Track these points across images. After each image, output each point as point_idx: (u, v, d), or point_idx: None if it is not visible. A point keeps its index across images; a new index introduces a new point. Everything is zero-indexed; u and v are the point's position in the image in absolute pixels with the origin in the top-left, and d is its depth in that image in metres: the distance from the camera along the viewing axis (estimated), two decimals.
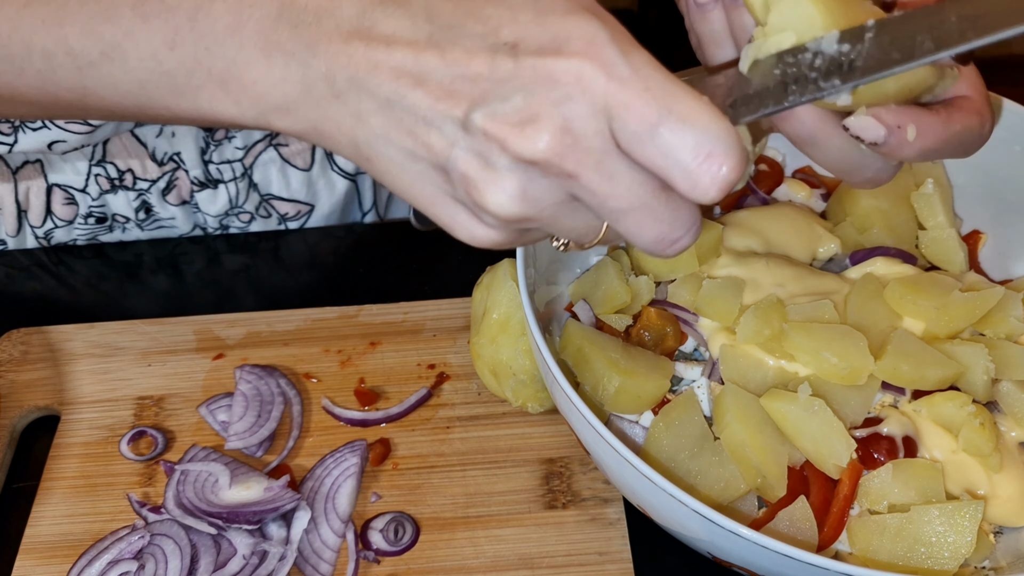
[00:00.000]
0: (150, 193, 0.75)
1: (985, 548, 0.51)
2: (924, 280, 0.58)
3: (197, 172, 0.75)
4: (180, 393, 0.68)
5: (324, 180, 0.79)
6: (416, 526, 0.60)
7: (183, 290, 0.76)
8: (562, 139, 0.35)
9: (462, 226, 0.40)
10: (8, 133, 0.69)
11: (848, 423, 0.53)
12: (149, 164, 0.74)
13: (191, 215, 0.78)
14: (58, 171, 0.74)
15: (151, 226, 0.77)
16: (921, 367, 0.53)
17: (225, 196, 0.77)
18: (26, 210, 0.75)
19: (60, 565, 0.59)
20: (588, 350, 0.56)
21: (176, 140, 0.73)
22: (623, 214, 0.37)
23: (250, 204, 0.78)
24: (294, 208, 0.79)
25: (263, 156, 0.76)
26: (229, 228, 0.79)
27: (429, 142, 0.37)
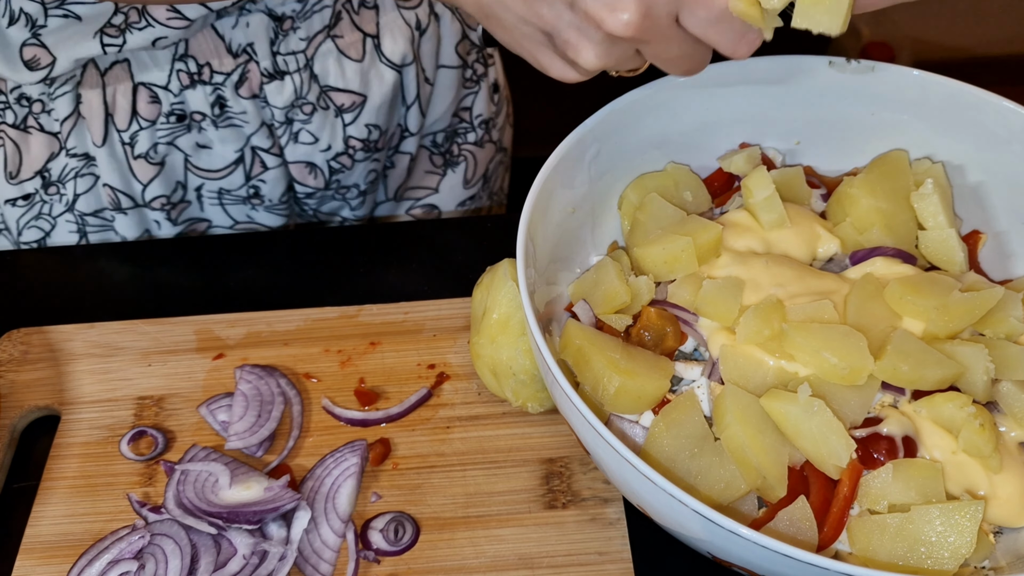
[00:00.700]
0: (224, 87, 0.80)
1: (985, 548, 0.51)
2: (924, 280, 0.58)
3: (267, 63, 0.80)
4: (180, 393, 0.68)
5: (375, 71, 0.85)
6: (416, 526, 0.60)
7: (183, 290, 0.77)
8: (642, 22, 0.48)
9: (557, 69, 0.53)
10: (116, 35, 0.74)
11: (848, 423, 0.53)
12: (225, 57, 0.79)
13: (260, 109, 0.83)
14: (144, 69, 0.78)
15: (224, 123, 0.82)
16: (921, 367, 0.53)
17: (291, 87, 0.82)
18: (112, 113, 0.80)
19: (60, 565, 0.59)
20: (588, 350, 0.56)
21: (250, 31, 0.78)
22: (671, 62, 0.52)
23: (312, 95, 0.83)
24: (349, 99, 0.85)
25: (322, 48, 0.82)
26: (293, 122, 0.84)
27: (540, 12, 0.50)
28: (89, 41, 0.73)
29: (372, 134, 0.88)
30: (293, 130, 0.84)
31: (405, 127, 0.91)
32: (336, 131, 0.86)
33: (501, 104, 1.00)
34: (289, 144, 0.85)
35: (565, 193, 0.62)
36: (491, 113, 0.98)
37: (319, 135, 0.85)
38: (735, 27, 0.49)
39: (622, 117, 0.62)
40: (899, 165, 0.65)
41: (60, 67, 0.75)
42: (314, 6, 0.80)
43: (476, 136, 0.98)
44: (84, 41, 0.74)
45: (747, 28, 0.49)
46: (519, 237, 0.56)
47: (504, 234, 0.76)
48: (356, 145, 0.87)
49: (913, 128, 0.65)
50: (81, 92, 0.78)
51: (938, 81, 0.63)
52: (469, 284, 0.66)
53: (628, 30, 0.48)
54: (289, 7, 0.79)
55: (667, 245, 0.60)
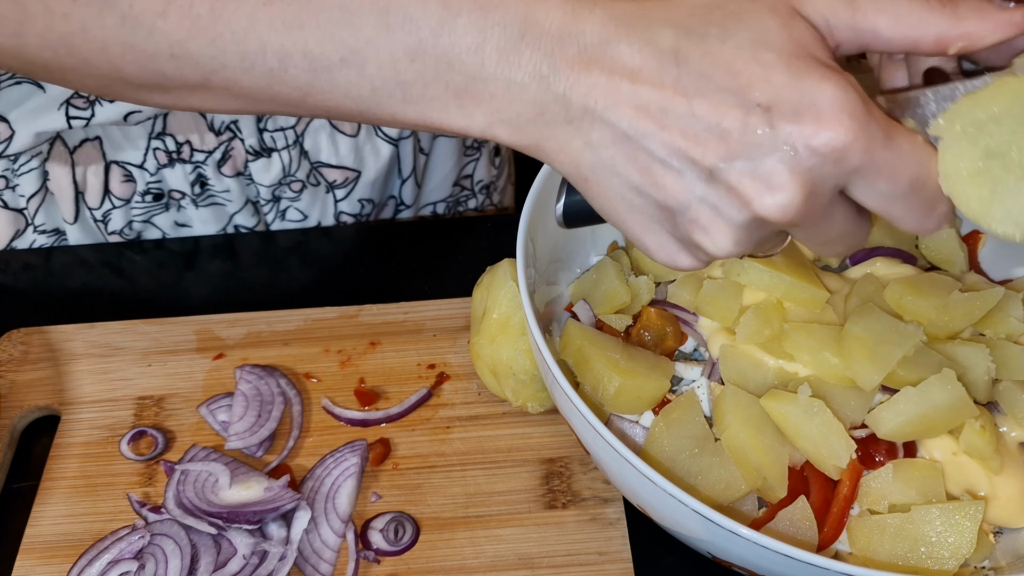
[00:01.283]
0: (206, 165, 0.76)
1: (985, 548, 0.51)
2: (924, 280, 0.58)
3: (252, 140, 0.76)
4: (180, 393, 0.68)
5: (370, 146, 0.81)
6: (416, 526, 0.60)
7: (183, 290, 0.77)
8: (806, 202, 0.37)
9: (668, 255, 0.42)
10: (84, 107, 0.69)
11: (848, 424, 0.53)
12: (207, 135, 0.75)
13: (244, 187, 0.79)
14: (117, 148, 0.75)
15: (205, 201, 0.79)
16: (919, 369, 0.53)
17: (279, 165, 0.78)
18: (83, 191, 0.76)
19: (60, 565, 0.59)
20: (588, 350, 0.56)
21: None
22: (826, 244, 0.41)
23: (301, 172, 0.79)
24: (342, 175, 0.81)
25: (313, 123, 0.78)
26: (280, 199, 0.81)
27: (663, 183, 0.38)
28: (52, 113, 0.69)
29: (365, 208, 0.84)
30: (280, 207, 0.81)
31: (400, 200, 0.87)
32: (327, 207, 0.82)
33: (502, 167, 0.96)
34: (276, 221, 0.82)
35: None
36: (492, 177, 0.94)
37: (308, 212, 0.82)
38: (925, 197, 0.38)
39: None
40: None
41: (20, 142, 0.70)
42: None
43: (477, 202, 0.94)
44: (47, 113, 0.69)
45: (939, 198, 0.39)
46: (519, 237, 0.56)
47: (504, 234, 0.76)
48: (347, 220, 0.84)
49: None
50: (48, 169, 0.75)
51: None
52: (469, 284, 0.66)
53: (785, 214, 0.37)
54: None
55: None
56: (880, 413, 0.53)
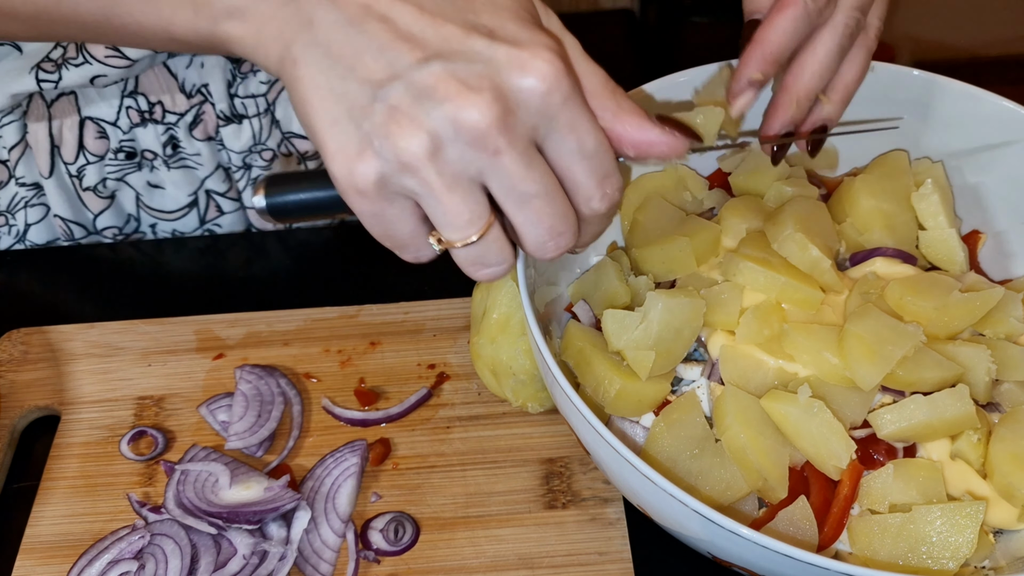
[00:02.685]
0: (178, 127, 0.77)
1: (985, 548, 0.51)
2: (924, 281, 0.58)
3: (223, 106, 0.76)
4: (180, 393, 0.68)
5: None
6: (416, 526, 0.60)
7: (183, 290, 0.77)
8: (503, 118, 0.38)
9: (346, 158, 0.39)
10: (52, 71, 0.71)
11: (848, 424, 0.53)
12: (178, 96, 0.76)
13: (216, 152, 0.79)
14: (91, 104, 0.76)
15: (177, 163, 0.79)
16: (919, 369, 0.53)
17: (249, 132, 0.78)
18: (59, 145, 0.77)
19: (60, 565, 0.59)
20: (590, 352, 0.56)
21: (205, 71, 0.75)
22: (529, 199, 0.40)
23: (272, 141, 0.80)
24: (314, 146, 0.80)
25: (285, 92, 0.78)
26: (251, 167, 0.81)
27: (371, 66, 0.38)
28: (25, 76, 0.71)
29: None
30: (252, 175, 0.81)
31: None
32: None
33: None
34: (247, 189, 0.82)
35: None
36: None
37: None
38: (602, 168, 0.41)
39: None
40: (899, 165, 0.65)
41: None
42: None
43: None
44: (20, 77, 0.71)
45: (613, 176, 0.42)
46: None
47: None
48: None
49: (913, 128, 0.65)
50: (27, 123, 0.76)
51: (938, 81, 0.63)
52: (469, 284, 0.66)
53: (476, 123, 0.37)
54: None
55: (665, 245, 0.60)
56: (884, 415, 0.53)
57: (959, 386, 0.52)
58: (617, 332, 0.56)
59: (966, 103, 0.63)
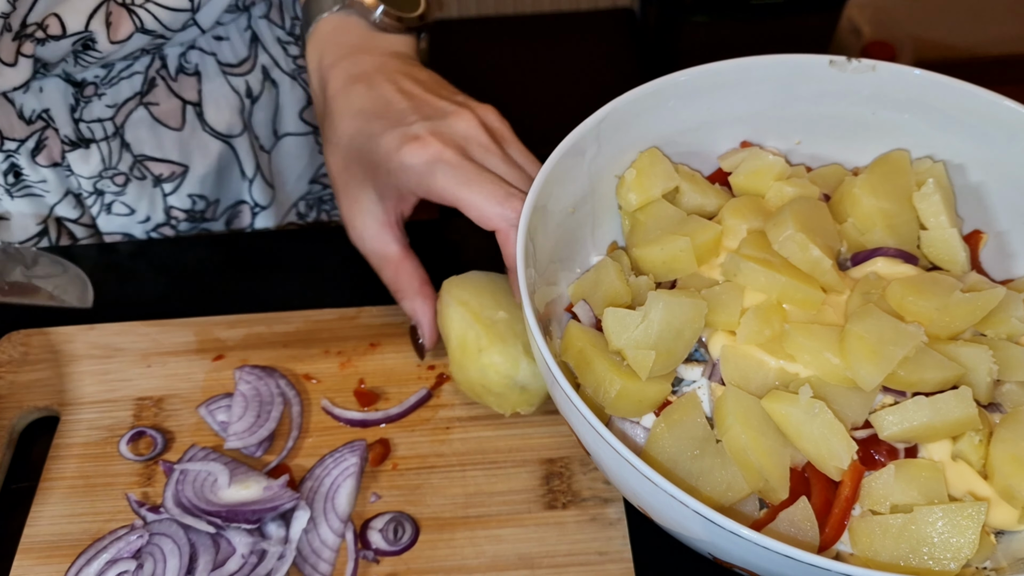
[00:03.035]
0: (19, 154, 0.74)
1: (987, 549, 0.51)
2: (925, 281, 0.58)
3: (68, 131, 0.74)
4: (180, 394, 0.68)
5: (196, 141, 0.79)
6: (415, 526, 0.60)
7: (183, 291, 0.76)
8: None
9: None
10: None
11: (849, 424, 0.53)
12: (16, 123, 0.73)
13: (64, 178, 0.77)
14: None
15: (20, 192, 0.76)
16: (921, 369, 0.53)
17: (98, 156, 0.76)
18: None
19: (58, 565, 0.59)
20: (590, 352, 0.56)
21: (44, 96, 0.72)
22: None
23: (124, 164, 0.78)
24: (168, 169, 0.79)
25: (134, 115, 0.76)
26: (104, 193, 0.78)
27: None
28: None
29: (198, 204, 0.82)
30: (105, 201, 0.79)
31: (255, 203, 0.85)
32: (155, 202, 0.80)
33: None
34: (102, 215, 0.80)
35: (565, 193, 0.62)
36: None
37: (135, 206, 0.80)
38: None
39: (622, 117, 0.62)
40: (900, 165, 0.65)
41: None
42: (121, 72, 0.73)
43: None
44: None
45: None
46: (519, 237, 0.56)
47: None
48: (179, 216, 0.82)
49: (914, 128, 0.65)
50: None
51: (939, 80, 0.63)
52: None
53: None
54: (91, 72, 0.72)
55: (666, 245, 0.60)
56: (887, 416, 0.52)
57: (962, 388, 0.52)
58: (617, 331, 0.55)
59: (967, 103, 0.63)
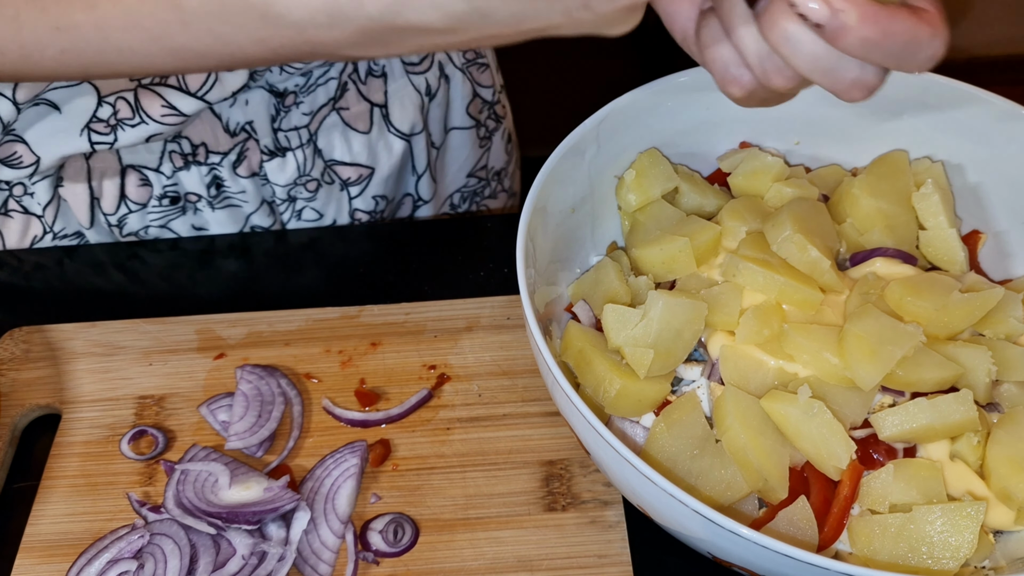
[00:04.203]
0: (221, 167, 0.76)
1: (986, 548, 0.51)
2: (924, 281, 0.58)
3: (267, 141, 0.76)
4: (181, 392, 0.68)
5: (383, 142, 0.82)
6: (415, 527, 0.60)
7: (185, 289, 0.77)
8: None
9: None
10: (106, 132, 0.70)
11: (848, 424, 0.53)
12: (221, 136, 0.75)
13: (260, 188, 0.79)
14: (132, 152, 0.74)
15: (222, 203, 0.79)
16: (919, 369, 0.53)
17: (293, 164, 0.78)
18: (99, 197, 0.76)
19: (60, 564, 0.59)
20: (590, 352, 0.56)
21: (249, 109, 0.75)
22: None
23: (316, 171, 0.80)
24: (356, 172, 0.81)
25: (327, 121, 0.78)
26: (296, 200, 0.81)
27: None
28: (75, 139, 0.70)
29: (379, 205, 0.84)
30: (296, 207, 0.81)
31: (418, 196, 0.88)
32: (342, 205, 0.83)
33: (512, 151, 0.97)
34: (292, 221, 0.82)
35: (565, 193, 0.62)
36: (503, 163, 0.95)
37: (324, 211, 0.82)
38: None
39: (622, 117, 0.62)
40: (899, 165, 0.65)
41: (45, 164, 0.71)
42: (319, 79, 0.76)
43: (491, 189, 0.95)
44: (69, 138, 0.70)
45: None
46: (519, 237, 0.56)
47: (504, 234, 0.76)
48: (362, 217, 0.84)
49: (913, 128, 0.65)
50: (62, 175, 0.75)
51: (938, 81, 0.63)
52: (469, 285, 0.66)
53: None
54: (292, 82, 0.75)
55: (665, 246, 0.60)
56: (887, 418, 0.53)
57: (963, 391, 0.52)
58: (617, 328, 0.56)
59: (966, 103, 0.63)
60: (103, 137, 0.70)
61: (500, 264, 0.75)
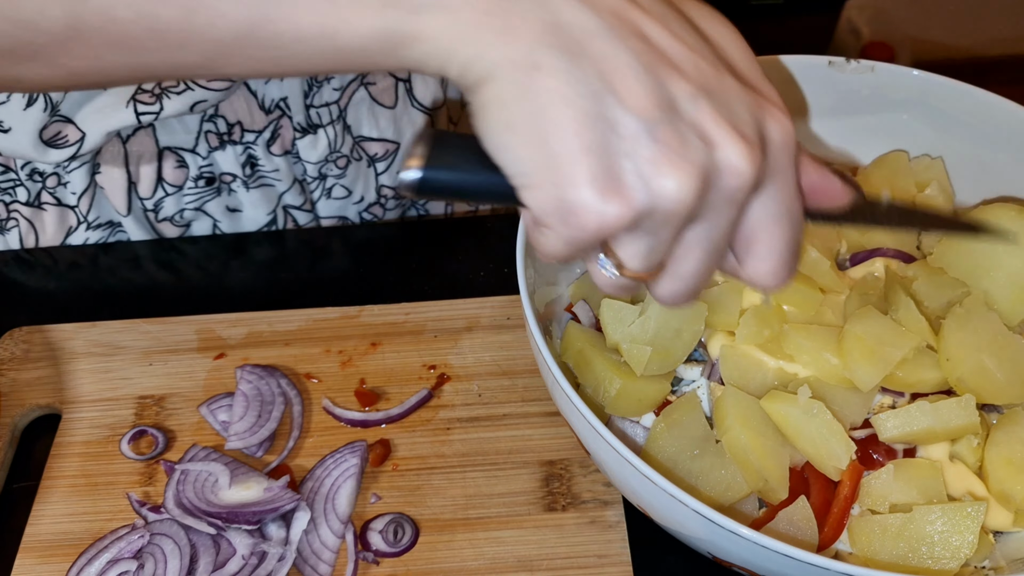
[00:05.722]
0: (256, 145, 0.76)
1: (986, 548, 0.51)
2: None
3: (300, 118, 0.76)
4: (181, 393, 0.68)
5: (407, 117, 0.82)
6: (415, 527, 0.60)
7: (185, 289, 0.77)
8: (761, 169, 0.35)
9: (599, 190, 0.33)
10: (151, 102, 0.68)
11: (848, 424, 0.53)
12: (257, 113, 0.75)
13: (292, 166, 0.79)
14: (170, 132, 0.74)
15: (256, 183, 0.79)
16: (919, 370, 0.53)
17: (324, 141, 0.78)
18: (136, 182, 0.76)
19: (60, 564, 0.59)
20: (590, 353, 0.56)
21: (285, 85, 0.74)
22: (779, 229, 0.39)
23: (345, 147, 0.80)
24: (382, 148, 0.82)
25: (355, 96, 0.78)
26: (327, 177, 0.81)
27: (638, 91, 0.33)
28: (121, 111, 0.68)
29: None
30: (327, 185, 0.82)
31: None
32: (369, 182, 0.83)
33: None
34: (321, 199, 0.83)
35: None
36: None
37: (352, 187, 0.83)
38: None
39: None
40: (900, 166, 0.65)
41: (90, 142, 0.70)
42: None
43: None
44: (115, 112, 0.68)
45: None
46: (519, 237, 0.56)
47: (504, 234, 0.76)
48: (388, 194, 0.85)
49: (913, 128, 0.65)
50: (100, 162, 0.74)
51: (938, 81, 0.63)
52: (470, 284, 0.66)
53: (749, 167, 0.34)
54: None
55: None
56: (888, 419, 0.53)
57: (965, 396, 0.52)
58: (614, 324, 0.56)
59: (966, 103, 0.63)
60: (149, 107, 0.68)
61: (500, 264, 0.75)
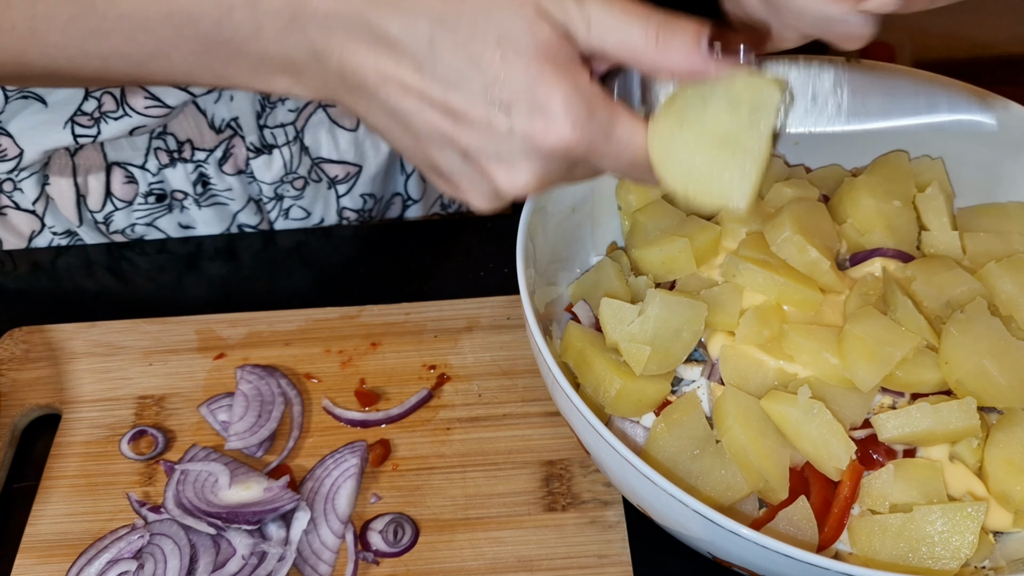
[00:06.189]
0: (207, 164, 0.76)
1: (986, 548, 0.51)
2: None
3: (253, 138, 0.76)
4: (181, 393, 0.68)
5: (370, 140, 0.81)
6: (415, 527, 0.60)
7: (185, 290, 0.77)
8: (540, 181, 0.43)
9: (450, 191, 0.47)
10: (90, 125, 0.70)
11: (848, 424, 0.53)
12: (207, 132, 0.75)
13: (247, 185, 0.79)
14: (117, 148, 0.74)
15: (208, 201, 0.78)
16: (919, 370, 0.53)
17: (280, 162, 0.78)
18: (85, 195, 0.76)
19: (60, 564, 0.59)
20: (589, 353, 0.56)
21: (234, 105, 0.74)
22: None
23: (303, 168, 0.79)
24: (343, 170, 0.81)
25: (313, 118, 0.78)
26: (284, 198, 0.80)
27: (430, 153, 0.45)
28: (59, 132, 0.70)
29: (367, 203, 0.84)
30: (284, 206, 0.81)
31: (407, 195, 0.87)
32: (329, 203, 0.82)
33: None
34: (279, 220, 0.82)
35: (565, 193, 0.62)
36: None
37: (311, 209, 0.82)
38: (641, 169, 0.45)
39: None
40: (900, 166, 0.65)
41: (29, 158, 0.72)
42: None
43: None
44: (53, 131, 0.70)
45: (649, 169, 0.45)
46: (519, 237, 0.56)
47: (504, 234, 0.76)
48: (350, 216, 0.84)
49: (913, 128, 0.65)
50: (48, 174, 0.74)
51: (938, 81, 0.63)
52: (469, 284, 0.66)
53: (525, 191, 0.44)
54: None
55: (665, 246, 0.60)
56: (889, 420, 0.53)
57: (966, 398, 0.52)
58: (613, 323, 0.56)
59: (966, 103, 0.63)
60: (86, 130, 0.70)
61: (500, 264, 0.75)
